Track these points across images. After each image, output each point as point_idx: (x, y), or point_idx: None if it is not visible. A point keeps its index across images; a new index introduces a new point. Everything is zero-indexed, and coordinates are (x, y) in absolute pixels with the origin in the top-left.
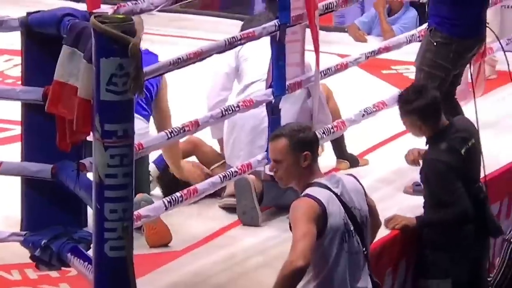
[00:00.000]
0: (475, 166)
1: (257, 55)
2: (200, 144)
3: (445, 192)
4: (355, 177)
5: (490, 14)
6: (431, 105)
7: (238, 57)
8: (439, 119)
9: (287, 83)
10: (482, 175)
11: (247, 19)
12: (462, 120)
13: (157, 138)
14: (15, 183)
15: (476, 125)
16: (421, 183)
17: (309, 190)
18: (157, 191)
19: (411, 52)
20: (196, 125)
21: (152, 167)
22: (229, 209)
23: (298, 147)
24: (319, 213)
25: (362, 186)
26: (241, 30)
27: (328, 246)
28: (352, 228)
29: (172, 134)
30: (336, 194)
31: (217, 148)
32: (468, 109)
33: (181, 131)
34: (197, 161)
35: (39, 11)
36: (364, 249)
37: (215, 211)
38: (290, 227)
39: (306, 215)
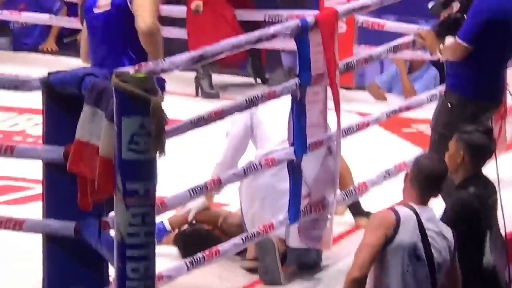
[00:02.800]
0: (496, 222)
1: (274, 119)
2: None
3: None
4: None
5: None
6: (483, 147)
7: (253, 119)
8: (479, 165)
9: (308, 142)
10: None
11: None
12: (486, 176)
13: (179, 196)
14: (37, 241)
15: (497, 184)
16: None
17: (396, 205)
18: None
19: (432, 109)
20: (219, 183)
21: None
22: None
23: (418, 170)
24: (391, 223)
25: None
26: None
27: (391, 259)
28: (423, 260)
29: (195, 192)
30: (420, 222)
31: None
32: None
33: (204, 188)
34: None
35: (60, 71)
36: (432, 281)
37: (236, 270)
38: None
39: (376, 225)
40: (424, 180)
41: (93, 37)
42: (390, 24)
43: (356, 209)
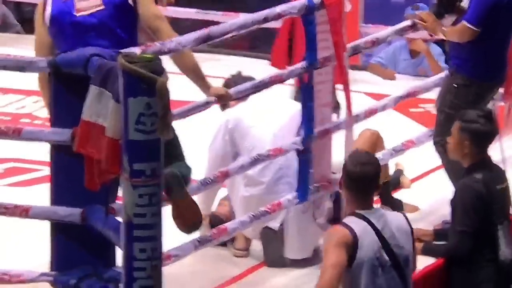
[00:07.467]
0: (505, 208)
1: (264, 122)
2: None
3: (461, 223)
4: (405, 217)
5: None
6: (488, 134)
7: (234, 131)
8: (484, 150)
9: (315, 130)
10: None
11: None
12: (494, 163)
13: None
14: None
15: (503, 165)
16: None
17: (346, 219)
18: None
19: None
20: (226, 175)
21: None
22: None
23: (347, 177)
24: (350, 242)
25: (411, 228)
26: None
27: (358, 276)
28: (389, 264)
29: (203, 184)
30: (375, 228)
31: None
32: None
33: (211, 181)
34: None
35: (66, 51)
36: (404, 285)
37: (229, 259)
38: None
39: (337, 244)
40: (363, 185)
41: (78, 46)
42: None
43: (385, 198)
